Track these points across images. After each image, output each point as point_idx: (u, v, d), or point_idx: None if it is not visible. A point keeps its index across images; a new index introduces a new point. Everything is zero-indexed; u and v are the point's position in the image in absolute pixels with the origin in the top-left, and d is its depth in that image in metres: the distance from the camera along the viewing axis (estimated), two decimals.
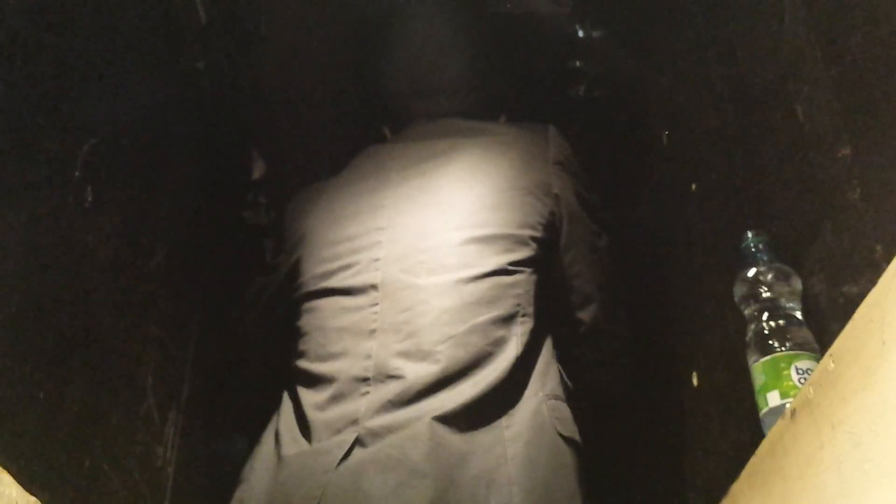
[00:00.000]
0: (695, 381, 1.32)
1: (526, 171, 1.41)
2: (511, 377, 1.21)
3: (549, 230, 1.37)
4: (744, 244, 1.04)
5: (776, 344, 0.93)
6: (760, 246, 1.02)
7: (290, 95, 1.85)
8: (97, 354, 1.10)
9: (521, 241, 1.33)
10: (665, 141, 1.53)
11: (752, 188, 1.13)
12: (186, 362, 1.42)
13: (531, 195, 1.38)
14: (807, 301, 0.96)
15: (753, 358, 0.95)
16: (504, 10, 1.81)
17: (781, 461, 0.80)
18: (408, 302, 1.27)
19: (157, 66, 1.39)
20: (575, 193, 1.41)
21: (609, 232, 1.45)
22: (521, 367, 1.24)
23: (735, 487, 0.97)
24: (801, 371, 0.89)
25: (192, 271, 1.47)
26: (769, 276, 0.99)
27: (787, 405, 0.83)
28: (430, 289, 1.28)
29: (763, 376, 0.93)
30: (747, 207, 1.14)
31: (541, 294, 1.32)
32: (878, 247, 0.79)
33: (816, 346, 0.91)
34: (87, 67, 1.11)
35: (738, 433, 1.11)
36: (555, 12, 1.83)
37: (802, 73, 0.96)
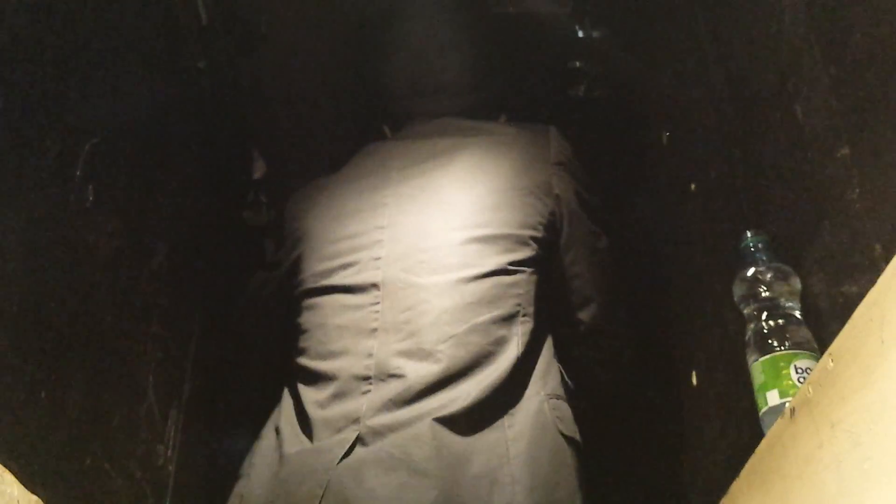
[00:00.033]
0: (694, 380, 1.32)
1: (527, 172, 1.41)
2: (512, 377, 1.21)
3: (549, 230, 1.37)
4: (743, 244, 1.04)
5: (775, 343, 0.93)
6: (760, 245, 1.02)
7: (290, 95, 1.85)
8: (98, 353, 1.10)
9: (522, 241, 1.33)
10: (665, 141, 1.53)
11: (751, 188, 1.13)
12: (187, 361, 1.42)
13: (532, 195, 1.38)
14: (806, 300, 0.96)
15: (753, 357, 0.95)
16: (504, 10, 1.81)
17: (781, 460, 0.81)
18: (409, 301, 1.28)
19: (157, 65, 1.40)
20: (575, 194, 1.42)
21: (609, 232, 1.45)
22: (522, 367, 1.24)
23: (734, 486, 0.97)
24: (800, 370, 0.90)
25: (192, 271, 1.47)
26: (768, 275, 0.99)
27: (787, 404, 0.83)
28: (431, 288, 1.28)
29: (762, 375, 0.93)
30: (746, 207, 1.14)
31: (541, 294, 1.33)
32: (877, 246, 0.79)
33: (815, 345, 0.92)
34: (87, 67, 1.11)
35: (738, 432, 1.11)
36: (555, 12, 1.83)
37: (802, 72, 0.96)
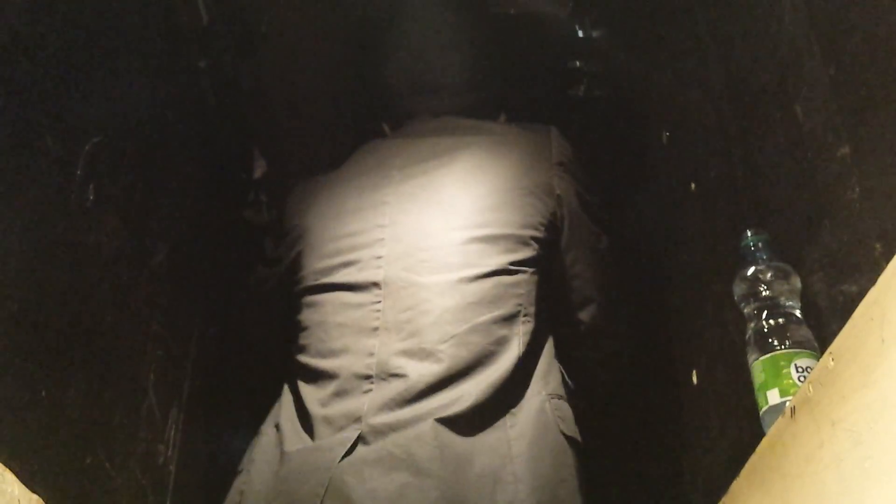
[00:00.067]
0: (694, 379, 1.32)
1: (528, 172, 1.41)
2: (513, 377, 1.22)
3: (550, 231, 1.37)
4: (743, 243, 1.04)
5: (776, 342, 0.93)
6: (760, 244, 1.02)
7: (291, 95, 1.85)
8: (99, 353, 1.10)
9: (523, 241, 1.33)
10: (665, 140, 1.53)
11: (751, 187, 1.13)
12: (188, 360, 1.42)
13: (533, 196, 1.38)
14: (806, 299, 0.96)
15: (753, 356, 0.95)
16: (505, 9, 1.81)
17: (781, 459, 0.81)
18: (410, 301, 1.28)
19: (158, 65, 1.40)
20: (576, 194, 1.42)
21: (609, 232, 1.45)
22: (524, 367, 1.24)
23: (735, 485, 0.97)
24: (800, 369, 0.90)
25: (193, 270, 1.48)
26: (769, 274, 0.99)
27: (787, 403, 0.83)
28: (433, 287, 1.28)
29: (763, 374, 0.93)
30: (747, 206, 1.14)
31: (542, 294, 1.33)
32: (877, 245, 0.79)
33: (816, 344, 0.91)
34: (88, 67, 1.12)
35: (738, 431, 1.11)
36: (555, 12, 1.83)
37: (802, 72, 0.96)
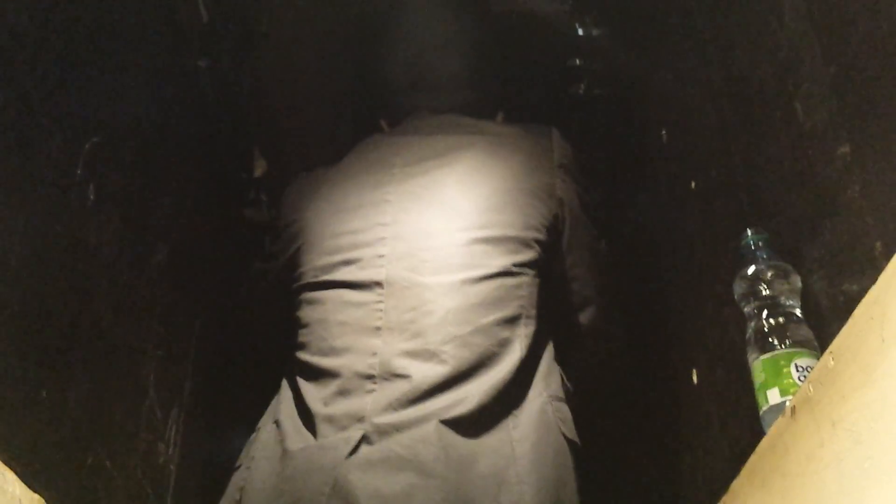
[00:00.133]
0: (694, 379, 1.32)
1: (530, 174, 1.41)
2: (516, 378, 1.22)
3: (551, 233, 1.37)
4: (743, 242, 1.04)
5: (776, 341, 0.93)
6: (760, 244, 1.02)
7: (291, 93, 1.85)
8: (99, 352, 1.10)
9: (525, 243, 1.33)
10: (664, 139, 1.53)
11: (751, 186, 1.13)
12: (188, 360, 1.42)
13: (535, 197, 1.38)
14: (806, 299, 0.96)
15: (753, 355, 0.95)
16: (505, 7, 1.81)
17: (781, 459, 0.81)
18: (413, 301, 1.27)
19: (158, 64, 1.39)
20: (578, 197, 1.42)
21: (608, 233, 1.45)
22: (526, 369, 1.24)
23: (735, 485, 0.97)
24: (800, 368, 0.90)
25: (193, 269, 1.48)
26: (769, 273, 0.99)
27: (787, 403, 0.83)
28: (436, 288, 1.28)
29: (763, 374, 0.93)
30: (747, 205, 1.14)
31: (543, 296, 1.33)
32: (877, 244, 0.79)
33: (816, 343, 0.91)
34: (88, 66, 1.11)
35: (739, 431, 1.11)
36: (555, 10, 1.83)
37: (802, 70, 0.96)
